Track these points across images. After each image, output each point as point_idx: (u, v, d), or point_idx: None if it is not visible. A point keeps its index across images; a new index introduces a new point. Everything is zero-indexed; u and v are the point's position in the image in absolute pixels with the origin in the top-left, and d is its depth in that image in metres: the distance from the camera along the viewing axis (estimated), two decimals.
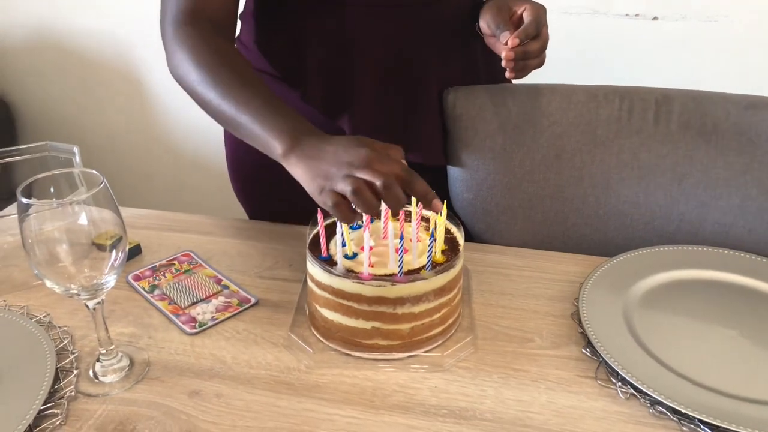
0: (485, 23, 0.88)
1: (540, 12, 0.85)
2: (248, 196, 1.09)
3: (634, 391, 0.67)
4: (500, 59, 0.85)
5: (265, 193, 1.04)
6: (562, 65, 1.31)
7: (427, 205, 0.67)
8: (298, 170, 0.70)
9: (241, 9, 0.99)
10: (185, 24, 0.82)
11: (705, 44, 1.63)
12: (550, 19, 0.87)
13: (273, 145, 0.72)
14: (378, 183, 0.64)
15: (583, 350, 0.74)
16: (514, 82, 0.97)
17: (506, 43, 0.82)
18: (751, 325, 0.76)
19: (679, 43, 1.64)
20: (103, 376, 0.70)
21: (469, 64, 1.01)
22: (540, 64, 0.86)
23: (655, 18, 1.63)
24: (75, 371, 0.71)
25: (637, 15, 1.64)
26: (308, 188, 0.69)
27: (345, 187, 0.65)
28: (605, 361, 0.70)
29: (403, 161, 0.69)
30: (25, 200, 0.61)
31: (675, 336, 0.74)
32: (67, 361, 0.72)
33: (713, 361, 0.71)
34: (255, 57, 0.97)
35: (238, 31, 0.99)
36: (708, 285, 0.83)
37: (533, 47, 0.83)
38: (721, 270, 0.85)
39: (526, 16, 0.84)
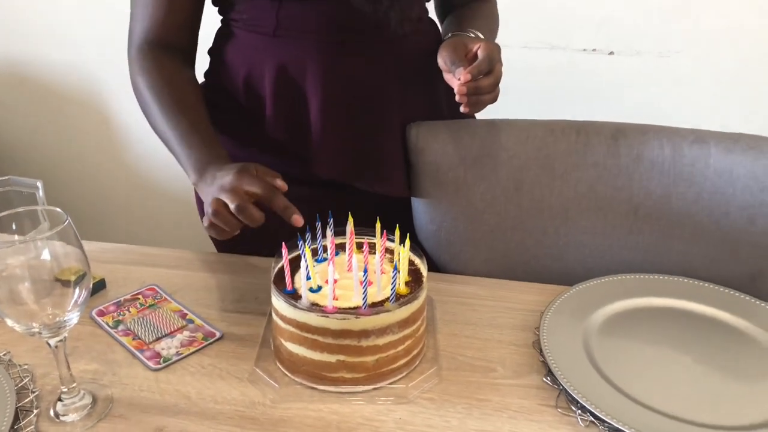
0: (442, 60, 0.91)
1: (493, 50, 0.88)
2: None
3: (593, 419, 0.69)
4: None
5: None
6: (522, 98, 1.36)
7: (288, 219, 0.75)
8: (202, 197, 0.81)
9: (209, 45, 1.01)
10: (146, 50, 0.92)
11: (658, 78, 1.69)
12: (511, 54, 0.90)
13: (189, 174, 0.84)
14: (232, 206, 0.74)
15: (544, 379, 0.75)
16: (477, 116, 1.00)
17: (459, 78, 0.85)
18: (706, 352, 0.79)
19: (634, 77, 1.70)
20: (64, 415, 0.69)
21: (432, 100, 1.04)
22: (493, 99, 0.89)
23: (611, 53, 1.70)
24: (35, 410, 0.70)
25: (594, 50, 1.70)
26: None
27: (209, 209, 0.75)
28: (565, 390, 0.72)
29: (278, 181, 0.77)
30: None
31: (633, 363, 0.77)
32: (27, 400, 0.71)
33: (670, 388, 0.73)
34: (219, 93, 0.99)
35: (207, 67, 1.01)
36: (665, 313, 0.86)
37: (485, 83, 0.86)
38: (677, 298, 0.88)
39: (480, 53, 0.87)
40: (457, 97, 0.86)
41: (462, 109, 0.87)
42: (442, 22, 1.07)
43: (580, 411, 0.70)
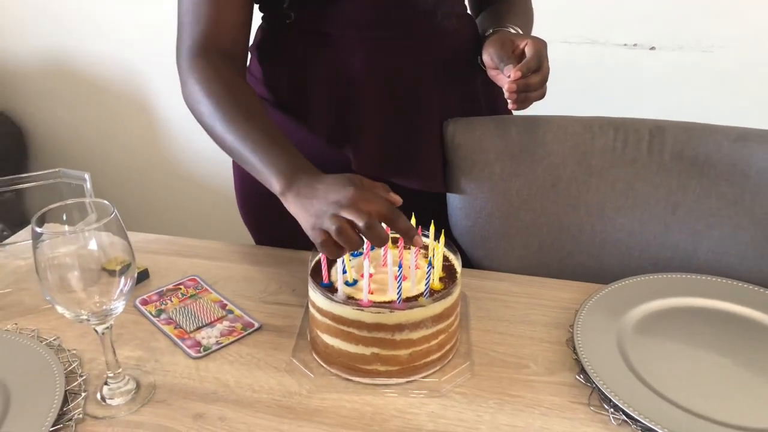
0: (489, 57, 0.91)
1: (541, 46, 0.88)
2: (255, 222, 1.11)
3: (625, 418, 0.69)
4: (501, 91, 0.88)
5: (272, 220, 1.06)
6: (561, 94, 1.34)
7: (409, 242, 0.71)
8: (293, 207, 0.75)
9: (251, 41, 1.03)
10: (198, 56, 0.87)
11: (701, 74, 1.66)
12: (550, 48, 0.90)
13: (271, 183, 0.77)
14: (361, 224, 0.68)
15: (576, 377, 0.75)
16: (515, 113, 1.00)
17: (509, 76, 0.85)
18: (743, 353, 0.78)
19: (676, 73, 1.67)
20: (110, 399, 0.72)
21: (469, 96, 1.04)
22: (541, 96, 0.89)
23: (653, 48, 1.67)
24: (83, 394, 0.73)
25: (635, 45, 1.68)
26: (303, 225, 0.73)
27: (330, 226, 0.69)
28: (598, 388, 0.72)
29: (392, 195, 0.73)
30: (38, 229, 0.64)
31: (667, 363, 0.76)
32: (75, 383, 0.74)
33: (705, 389, 0.72)
34: (262, 87, 1.01)
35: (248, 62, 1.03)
36: (701, 313, 0.85)
37: (534, 80, 0.86)
38: (714, 298, 0.87)
39: (528, 51, 0.87)
40: (506, 95, 0.86)
41: (510, 106, 0.87)
42: (476, 17, 1.08)
43: (612, 410, 0.70)
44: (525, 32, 0.97)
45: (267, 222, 1.09)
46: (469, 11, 1.07)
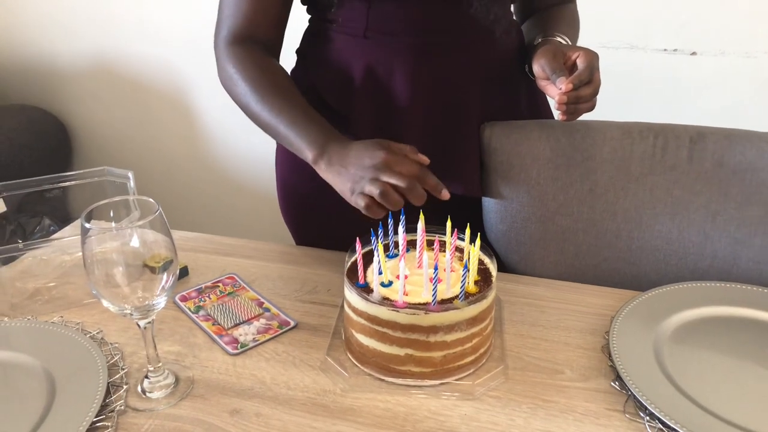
0: (539, 67, 0.90)
1: (593, 58, 0.88)
2: (296, 221, 1.12)
3: (662, 426, 0.68)
4: (544, 98, 0.87)
5: (313, 220, 1.08)
6: (600, 99, 1.33)
7: (438, 195, 0.78)
8: (327, 175, 0.83)
9: (297, 45, 1.04)
10: (235, 43, 0.94)
11: (744, 80, 1.63)
12: None
13: (305, 153, 0.85)
14: (403, 185, 0.75)
15: (612, 383, 0.75)
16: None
17: (560, 88, 0.85)
18: None
19: (718, 78, 1.64)
20: (150, 392, 0.74)
21: (512, 100, 1.04)
22: (591, 108, 0.88)
23: (694, 53, 1.64)
24: (125, 386, 0.75)
25: (675, 50, 1.65)
26: (340, 191, 0.80)
27: (374, 190, 0.76)
28: (634, 395, 0.71)
29: (420, 156, 0.80)
30: (87, 225, 0.66)
31: (705, 372, 0.75)
32: (117, 376, 0.76)
33: (743, 399, 0.71)
34: (307, 93, 1.02)
35: (294, 65, 1.05)
36: (740, 323, 0.84)
37: (585, 92, 0.86)
38: (754, 308, 0.85)
39: (581, 63, 0.87)
40: (556, 106, 0.86)
41: (559, 117, 0.87)
42: (521, 22, 1.07)
43: (648, 418, 0.69)
44: (572, 41, 0.97)
45: (308, 222, 1.10)
46: (514, 17, 1.07)
